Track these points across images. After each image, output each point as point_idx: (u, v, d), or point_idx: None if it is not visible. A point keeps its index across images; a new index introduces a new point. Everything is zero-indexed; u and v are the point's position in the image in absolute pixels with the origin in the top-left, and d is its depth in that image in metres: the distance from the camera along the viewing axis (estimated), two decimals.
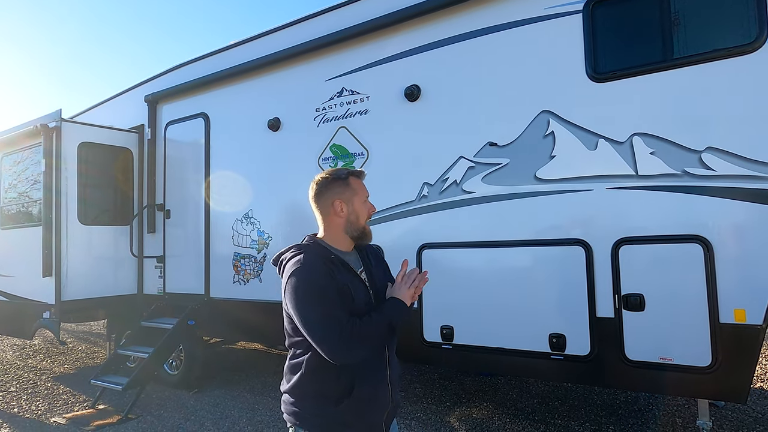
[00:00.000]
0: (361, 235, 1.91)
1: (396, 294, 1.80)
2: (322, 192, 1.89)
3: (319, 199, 1.89)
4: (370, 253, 2.00)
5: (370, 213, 1.93)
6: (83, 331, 9.74)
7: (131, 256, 6.01)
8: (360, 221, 1.89)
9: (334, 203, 1.86)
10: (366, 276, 1.89)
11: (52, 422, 4.72)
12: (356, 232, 1.89)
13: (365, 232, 1.91)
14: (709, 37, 3.13)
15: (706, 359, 2.99)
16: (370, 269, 1.92)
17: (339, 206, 1.86)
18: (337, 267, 1.78)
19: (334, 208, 1.86)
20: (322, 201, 1.89)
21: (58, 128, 5.50)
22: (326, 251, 1.82)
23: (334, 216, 1.87)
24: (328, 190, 1.88)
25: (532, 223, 3.60)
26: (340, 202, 1.86)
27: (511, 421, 4.39)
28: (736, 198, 2.94)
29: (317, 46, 4.65)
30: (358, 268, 1.89)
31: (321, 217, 1.91)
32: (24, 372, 6.63)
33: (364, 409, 1.76)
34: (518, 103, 3.69)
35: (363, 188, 1.93)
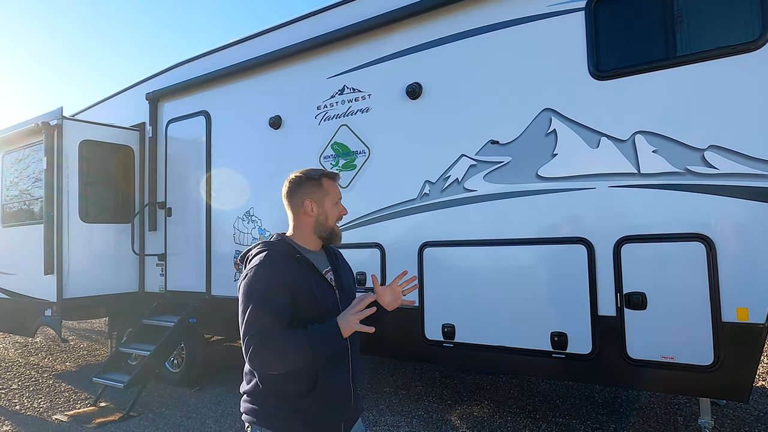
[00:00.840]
0: (330, 236, 1.91)
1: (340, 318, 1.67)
2: (294, 191, 1.89)
3: (290, 198, 1.89)
4: (336, 254, 2.00)
5: (341, 215, 1.92)
6: (85, 328, 9.75)
7: (132, 254, 6.02)
8: (329, 222, 1.89)
9: (304, 203, 1.87)
10: (333, 276, 1.88)
11: (54, 420, 4.73)
12: (325, 232, 1.89)
13: (334, 233, 1.91)
14: (712, 35, 3.12)
15: (708, 358, 2.98)
16: (336, 269, 1.91)
17: (309, 206, 1.86)
18: (302, 266, 1.77)
19: (304, 208, 1.87)
20: (294, 199, 1.88)
21: (59, 126, 5.50)
22: (293, 250, 1.81)
23: (304, 215, 1.87)
24: (300, 189, 1.88)
25: (533, 222, 3.60)
26: (310, 201, 1.87)
27: (513, 419, 4.39)
28: (739, 196, 2.94)
29: (319, 43, 4.64)
30: (324, 268, 1.88)
31: (291, 216, 1.91)
32: (26, 369, 6.64)
33: (325, 408, 1.74)
34: (520, 101, 3.68)
35: (336, 190, 1.93)
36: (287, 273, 1.72)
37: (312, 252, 1.89)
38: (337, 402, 1.78)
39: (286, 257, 1.77)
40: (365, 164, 4.40)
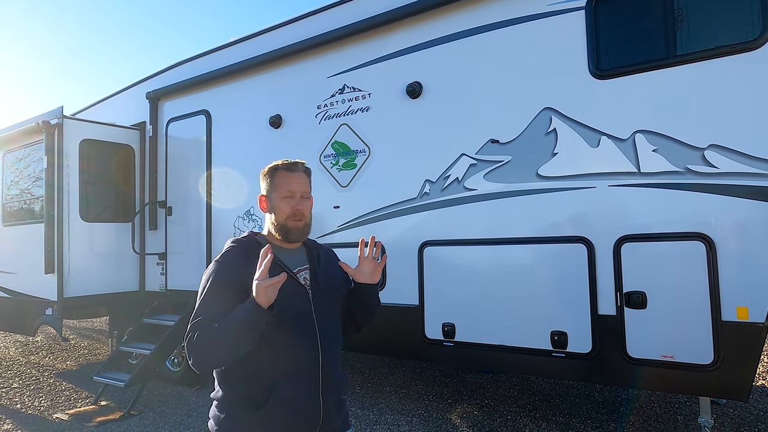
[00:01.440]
0: (285, 233, 1.74)
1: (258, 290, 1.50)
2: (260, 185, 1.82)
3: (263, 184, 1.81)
4: (322, 254, 1.86)
5: (294, 210, 1.73)
6: (85, 327, 9.76)
7: (133, 253, 6.02)
8: (280, 218, 1.73)
9: (260, 199, 1.80)
10: (309, 275, 1.75)
11: (54, 418, 4.74)
12: (279, 229, 1.74)
13: (288, 230, 1.73)
14: (712, 34, 3.12)
15: (708, 357, 2.98)
16: (315, 269, 1.77)
17: (262, 201, 1.79)
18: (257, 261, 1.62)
19: (260, 204, 1.80)
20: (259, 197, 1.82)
21: (59, 125, 5.50)
22: (256, 246, 1.66)
23: (264, 211, 1.80)
24: (261, 184, 1.82)
25: (534, 221, 3.60)
26: (263, 197, 1.79)
27: (513, 418, 4.40)
28: (740, 195, 2.94)
29: (319, 42, 4.64)
30: (298, 266, 1.76)
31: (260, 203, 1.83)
32: (27, 368, 6.65)
33: (282, 423, 1.60)
34: (520, 100, 3.68)
35: (288, 182, 1.75)
36: (240, 269, 1.62)
37: (286, 249, 1.77)
38: (298, 417, 1.62)
39: (243, 253, 1.68)
40: (365, 163, 4.41)
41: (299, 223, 1.75)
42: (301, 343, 1.66)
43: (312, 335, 1.68)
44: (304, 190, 1.79)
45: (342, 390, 1.81)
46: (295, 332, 1.65)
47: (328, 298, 1.77)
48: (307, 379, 1.65)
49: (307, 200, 1.79)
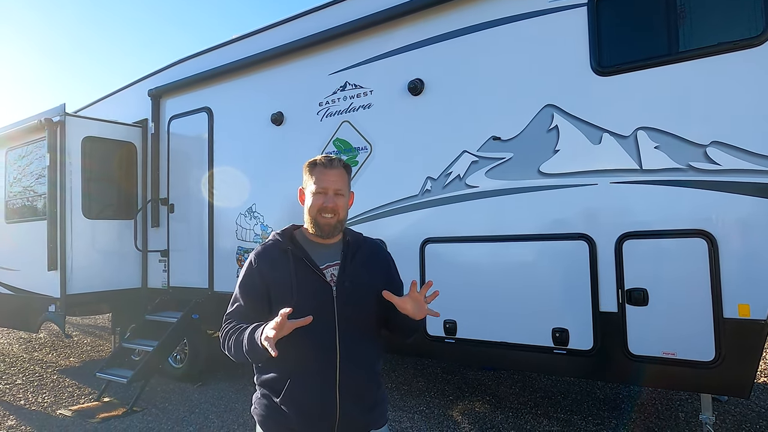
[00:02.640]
0: (319, 226, 1.74)
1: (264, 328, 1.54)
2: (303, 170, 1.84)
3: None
4: (359, 250, 1.81)
5: (323, 206, 1.72)
6: (88, 324, 9.80)
7: (135, 251, 6.04)
8: (311, 213, 1.75)
9: (299, 191, 1.84)
10: (337, 271, 1.73)
11: (58, 414, 4.76)
12: (311, 224, 1.76)
13: (319, 225, 1.73)
14: (715, 31, 3.11)
15: (710, 354, 2.98)
16: (346, 265, 1.75)
17: (300, 194, 1.83)
18: (289, 259, 1.70)
19: (299, 196, 1.84)
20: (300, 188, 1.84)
21: (62, 122, 5.51)
22: (287, 242, 1.74)
23: (302, 204, 1.81)
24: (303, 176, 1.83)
25: (535, 218, 3.59)
26: (301, 190, 1.83)
27: (514, 415, 4.41)
28: (742, 192, 2.93)
29: (320, 39, 4.64)
30: (328, 262, 1.74)
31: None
32: (30, 365, 6.68)
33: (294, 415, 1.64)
34: (522, 97, 3.68)
35: (322, 179, 1.74)
36: (265, 266, 1.71)
37: (320, 244, 1.78)
38: (309, 412, 1.64)
39: (274, 249, 1.75)
40: (367, 160, 4.41)
41: (330, 220, 1.74)
42: (317, 342, 1.64)
43: (329, 335, 1.65)
44: (338, 186, 1.76)
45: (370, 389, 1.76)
46: (313, 331, 1.58)
47: (356, 296, 1.72)
48: (319, 378, 1.64)
49: (342, 197, 1.77)
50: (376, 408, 1.77)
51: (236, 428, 4.32)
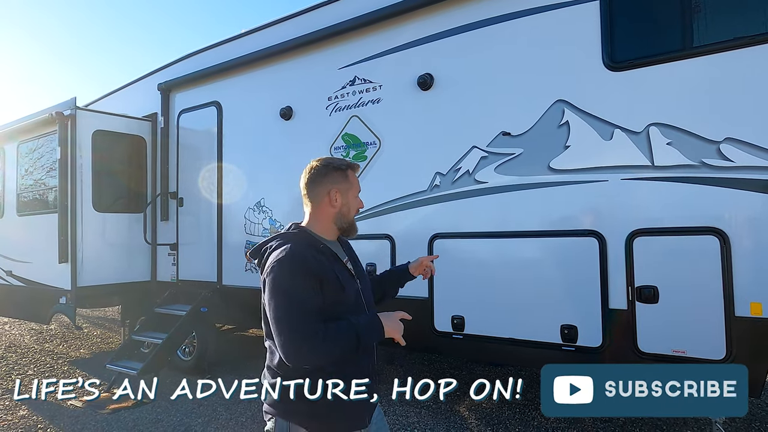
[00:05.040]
0: (349, 228, 1.90)
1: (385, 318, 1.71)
2: (318, 179, 1.84)
3: (313, 187, 1.84)
4: (348, 244, 2.02)
5: (358, 208, 1.92)
6: (98, 316, 9.90)
7: (145, 244, 6.08)
8: (350, 214, 1.88)
9: (330, 192, 1.82)
10: (351, 266, 1.89)
11: (69, 405, 4.82)
12: (345, 224, 1.87)
13: (353, 225, 1.91)
14: (730, 25, 3.06)
15: (720, 352, 2.96)
16: (353, 259, 1.95)
17: (335, 196, 1.83)
18: (327, 257, 1.76)
19: (329, 197, 1.83)
20: (317, 189, 1.83)
21: (72, 116, 5.54)
22: (315, 241, 1.79)
23: (326, 205, 1.83)
24: (326, 179, 1.83)
25: (545, 214, 3.58)
26: (336, 191, 1.83)
27: (521, 411, 4.40)
28: (755, 190, 2.90)
29: (330, 34, 4.62)
30: (344, 258, 1.88)
31: (311, 205, 1.85)
32: (41, 356, 6.77)
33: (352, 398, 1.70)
34: (532, 92, 3.65)
35: (358, 182, 1.92)
36: (313, 264, 1.67)
37: (330, 242, 1.87)
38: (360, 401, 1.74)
39: (309, 248, 1.73)
40: (376, 155, 4.40)
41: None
42: None
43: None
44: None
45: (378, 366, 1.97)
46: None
47: (366, 282, 1.95)
48: (368, 359, 1.82)
49: None
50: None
51: (244, 420, 4.35)
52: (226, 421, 4.36)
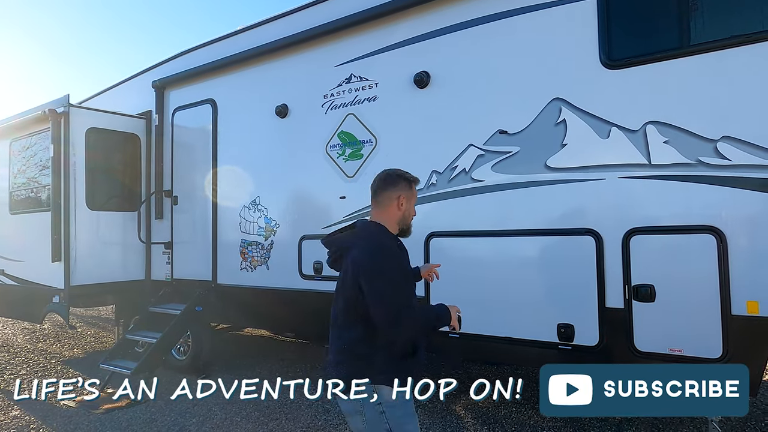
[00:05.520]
0: (407, 230, 2.25)
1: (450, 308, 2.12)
2: (391, 185, 2.16)
3: (386, 190, 2.16)
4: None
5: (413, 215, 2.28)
6: (92, 315, 9.84)
7: (139, 242, 6.04)
8: (410, 218, 2.23)
9: (399, 197, 2.15)
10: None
11: (62, 405, 4.78)
12: (405, 226, 2.23)
13: (410, 227, 2.26)
14: (727, 24, 3.06)
15: (717, 351, 2.96)
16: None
17: (402, 202, 2.16)
18: (402, 251, 2.17)
19: (398, 202, 2.15)
20: (388, 192, 2.16)
21: (66, 113, 5.49)
22: (394, 237, 2.17)
23: (394, 208, 2.16)
24: (397, 185, 2.17)
25: (542, 213, 3.57)
26: (404, 198, 2.16)
27: (517, 410, 4.39)
28: (752, 188, 2.89)
29: (326, 31, 4.60)
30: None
31: (380, 206, 2.17)
32: (34, 355, 6.71)
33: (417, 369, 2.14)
34: (529, 91, 3.64)
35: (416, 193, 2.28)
36: (398, 255, 2.08)
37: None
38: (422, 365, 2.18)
39: (392, 241, 2.13)
40: (372, 153, 4.38)
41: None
42: None
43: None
44: None
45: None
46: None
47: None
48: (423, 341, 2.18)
49: None
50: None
51: (239, 420, 4.33)
52: (221, 421, 4.33)
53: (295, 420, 4.28)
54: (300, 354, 6.54)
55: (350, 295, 2.01)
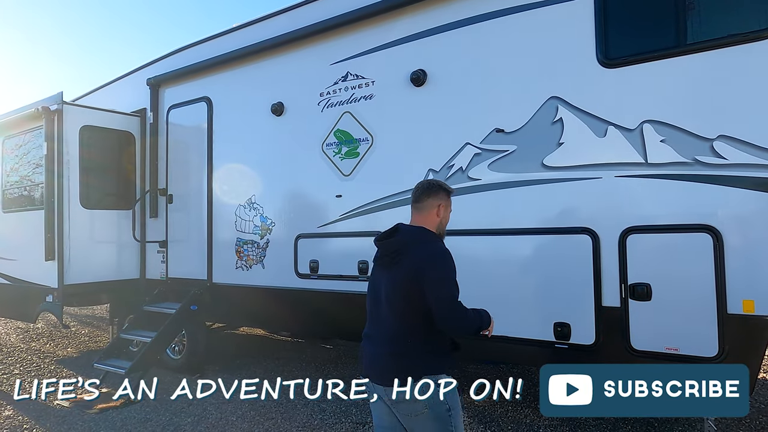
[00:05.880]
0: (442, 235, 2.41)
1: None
2: (433, 194, 2.35)
3: (428, 198, 2.34)
4: None
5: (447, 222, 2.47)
6: (86, 315, 9.78)
7: (134, 241, 6.00)
8: (445, 226, 2.41)
9: (439, 206, 2.34)
10: None
11: (56, 405, 4.74)
12: (440, 232, 2.39)
13: (444, 234, 2.42)
14: (723, 23, 3.06)
15: (713, 350, 2.96)
16: None
17: (441, 210, 2.35)
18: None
19: (438, 210, 2.34)
20: (430, 200, 2.34)
21: (59, 111, 5.45)
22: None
23: (433, 215, 2.34)
24: (438, 194, 2.35)
25: (538, 211, 3.56)
26: (443, 207, 2.35)
27: (513, 409, 4.40)
28: (748, 187, 2.90)
29: (322, 29, 4.58)
30: None
31: (421, 212, 2.34)
32: (27, 355, 6.66)
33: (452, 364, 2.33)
34: (526, 89, 3.63)
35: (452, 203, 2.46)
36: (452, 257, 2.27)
37: None
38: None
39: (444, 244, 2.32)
40: (368, 152, 4.36)
41: None
42: None
43: None
44: None
45: None
46: None
47: None
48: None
49: None
50: None
51: (234, 420, 4.31)
52: (216, 421, 4.31)
53: (291, 419, 4.27)
54: (296, 353, 6.52)
55: (409, 293, 2.15)
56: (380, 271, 2.32)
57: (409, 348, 2.17)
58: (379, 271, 2.34)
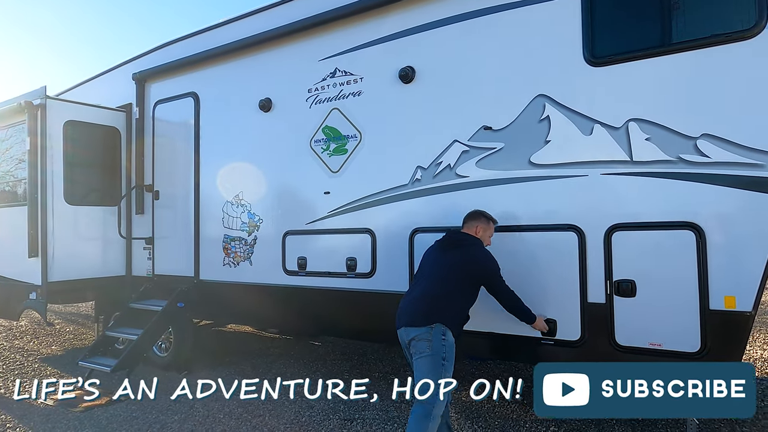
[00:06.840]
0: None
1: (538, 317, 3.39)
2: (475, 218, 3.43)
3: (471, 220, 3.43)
4: None
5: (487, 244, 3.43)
6: (71, 312, 9.66)
7: (119, 238, 5.93)
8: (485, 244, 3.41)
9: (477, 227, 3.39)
10: None
11: (40, 404, 4.68)
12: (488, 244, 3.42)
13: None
14: (708, 22, 3.10)
15: (696, 345, 3.01)
16: None
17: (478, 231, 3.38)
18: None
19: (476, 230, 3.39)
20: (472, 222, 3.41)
21: (42, 106, 5.36)
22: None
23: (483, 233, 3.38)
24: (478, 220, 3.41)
25: (525, 208, 3.59)
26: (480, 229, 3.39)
27: (500, 404, 4.43)
28: (730, 185, 2.95)
29: (310, 24, 4.55)
30: None
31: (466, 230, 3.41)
32: (10, 353, 6.57)
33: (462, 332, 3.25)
34: (514, 87, 3.65)
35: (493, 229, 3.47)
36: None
37: None
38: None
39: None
40: (356, 149, 4.36)
41: None
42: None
43: None
44: None
45: None
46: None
47: None
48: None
49: None
50: None
51: (222, 417, 4.29)
52: (203, 418, 4.29)
53: (279, 416, 4.26)
54: (284, 350, 6.50)
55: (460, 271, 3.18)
56: (437, 252, 3.35)
57: (441, 301, 3.08)
58: (436, 252, 3.36)
